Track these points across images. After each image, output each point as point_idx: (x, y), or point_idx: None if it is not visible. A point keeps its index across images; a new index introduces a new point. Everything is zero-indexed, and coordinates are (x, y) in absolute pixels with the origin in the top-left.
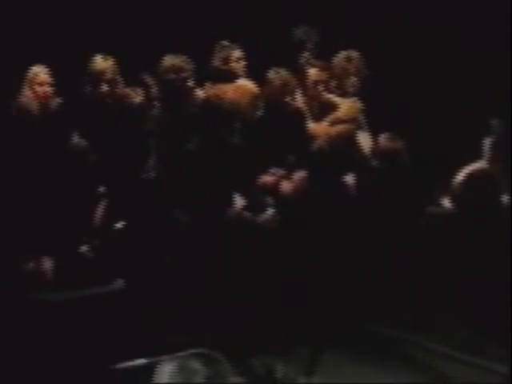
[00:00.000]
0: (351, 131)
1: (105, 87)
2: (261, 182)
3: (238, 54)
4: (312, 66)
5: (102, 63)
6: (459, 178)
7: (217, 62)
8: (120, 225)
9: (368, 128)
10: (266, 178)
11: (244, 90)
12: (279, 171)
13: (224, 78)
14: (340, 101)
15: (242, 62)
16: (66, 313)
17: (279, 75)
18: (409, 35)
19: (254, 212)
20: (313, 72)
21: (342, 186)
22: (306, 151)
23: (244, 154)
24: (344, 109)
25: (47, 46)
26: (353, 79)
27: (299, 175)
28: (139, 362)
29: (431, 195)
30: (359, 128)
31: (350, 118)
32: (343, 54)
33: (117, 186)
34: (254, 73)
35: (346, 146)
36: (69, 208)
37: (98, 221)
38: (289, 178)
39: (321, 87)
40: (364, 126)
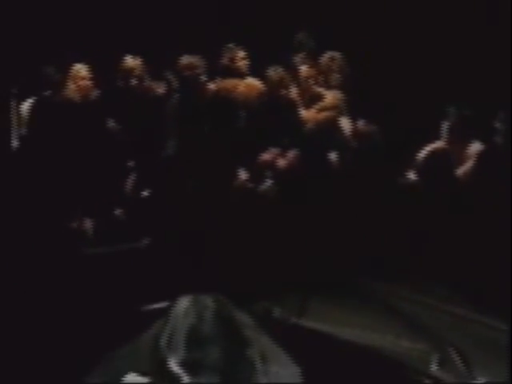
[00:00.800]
0: (335, 117)
1: (134, 81)
2: (261, 159)
3: (242, 54)
4: (303, 65)
5: (132, 62)
6: (422, 155)
7: (225, 61)
8: (146, 193)
9: (348, 114)
10: (265, 156)
11: (252, 86)
12: (276, 150)
13: (231, 74)
14: (326, 92)
15: (246, 61)
16: (102, 263)
17: (277, 72)
18: (381, 35)
19: (255, 183)
20: (304, 69)
21: (327, 162)
22: (298, 133)
23: (247, 135)
24: (329, 99)
25: (87, 47)
26: (336, 75)
27: (292, 153)
28: (161, 304)
29: (400, 169)
30: (341, 114)
31: (333, 107)
32: (328, 55)
33: (143, 161)
34: (256, 70)
35: (330, 129)
36: (105, 179)
37: (128, 189)
38: (284, 155)
39: (310, 82)
40: (345, 112)
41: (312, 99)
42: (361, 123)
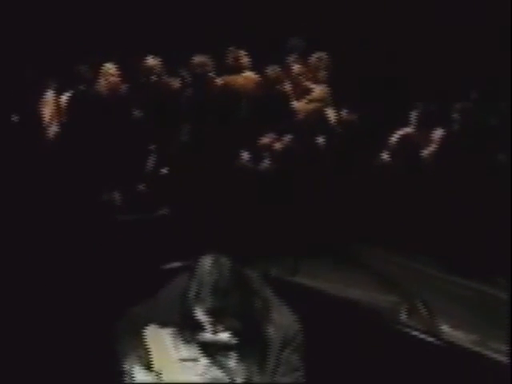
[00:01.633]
0: (322, 108)
1: (154, 77)
2: (260, 143)
3: (244, 54)
4: (296, 64)
5: (152, 61)
6: (394, 139)
7: (230, 60)
8: (164, 170)
9: (333, 105)
10: (264, 140)
11: (249, 78)
12: (273, 135)
13: (235, 71)
14: (314, 87)
15: (247, 60)
16: (129, 229)
17: (273, 70)
18: (359, 40)
19: (255, 163)
20: (296, 67)
21: (316, 146)
22: (291, 121)
23: (248, 122)
24: (317, 92)
25: (116, 49)
26: (323, 72)
27: (287, 138)
28: (179, 263)
29: (376, 150)
30: (327, 105)
31: (321, 99)
32: (316, 56)
33: (162, 144)
34: (256, 68)
35: (318, 117)
36: (131, 159)
37: (150, 168)
38: (280, 140)
39: (301, 78)
40: (331, 104)
41: (303, 92)
42: (344, 113)
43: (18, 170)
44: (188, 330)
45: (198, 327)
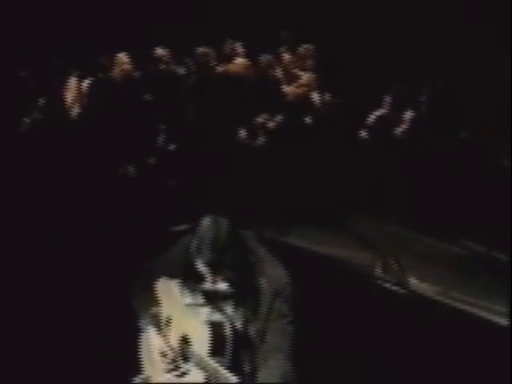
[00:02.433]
0: (308, 92)
1: (163, 65)
2: (255, 121)
3: (239, 45)
4: (286, 53)
5: (161, 51)
6: (371, 119)
7: (228, 50)
8: (172, 147)
9: (318, 90)
10: (259, 119)
11: (242, 64)
12: (267, 115)
13: (232, 59)
14: (302, 74)
15: (243, 50)
16: (142, 197)
17: (266, 58)
18: (342, 34)
19: (251, 139)
20: (286, 57)
21: (304, 124)
22: (282, 103)
23: (245, 104)
24: (304, 79)
25: (129, 41)
26: (309, 61)
27: (278, 118)
28: (184, 226)
29: (355, 129)
30: (313, 90)
31: (307, 84)
32: (304, 47)
33: (169, 122)
34: (251, 57)
35: (305, 101)
36: (142, 136)
37: (159, 143)
38: (272, 119)
39: (291, 66)
40: (316, 88)
41: (292, 79)
42: (327, 96)
43: (44, 146)
44: (191, 280)
45: (200, 278)
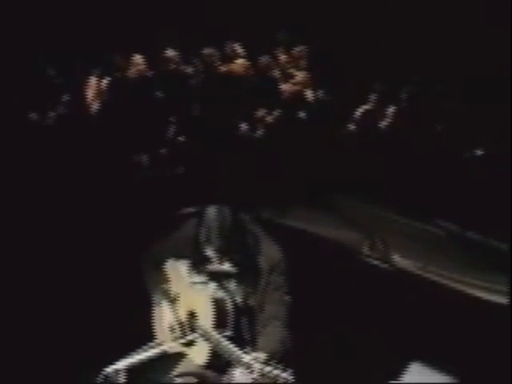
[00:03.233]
0: (303, 89)
1: (172, 65)
2: (255, 116)
3: (239, 47)
4: (283, 54)
5: (171, 53)
6: (357, 113)
7: (229, 51)
8: (181, 138)
9: (312, 88)
10: (258, 114)
11: (241, 64)
12: (265, 110)
13: (234, 59)
14: (297, 73)
15: (242, 50)
16: (153, 183)
17: (265, 58)
18: (333, 36)
19: (252, 131)
20: (283, 57)
21: (298, 117)
22: (279, 99)
23: (246, 100)
24: (299, 77)
25: (142, 43)
26: (304, 62)
27: (276, 113)
28: (190, 210)
29: (344, 122)
30: (307, 87)
31: (302, 82)
32: (299, 48)
33: (178, 116)
34: (251, 57)
35: (299, 96)
36: (154, 128)
37: (170, 135)
38: (270, 114)
39: (287, 65)
40: (309, 86)
41: (288, 77)
42: (320, 93)
43: (66, 138)
44: (199, 262)
45: (207, 260)
